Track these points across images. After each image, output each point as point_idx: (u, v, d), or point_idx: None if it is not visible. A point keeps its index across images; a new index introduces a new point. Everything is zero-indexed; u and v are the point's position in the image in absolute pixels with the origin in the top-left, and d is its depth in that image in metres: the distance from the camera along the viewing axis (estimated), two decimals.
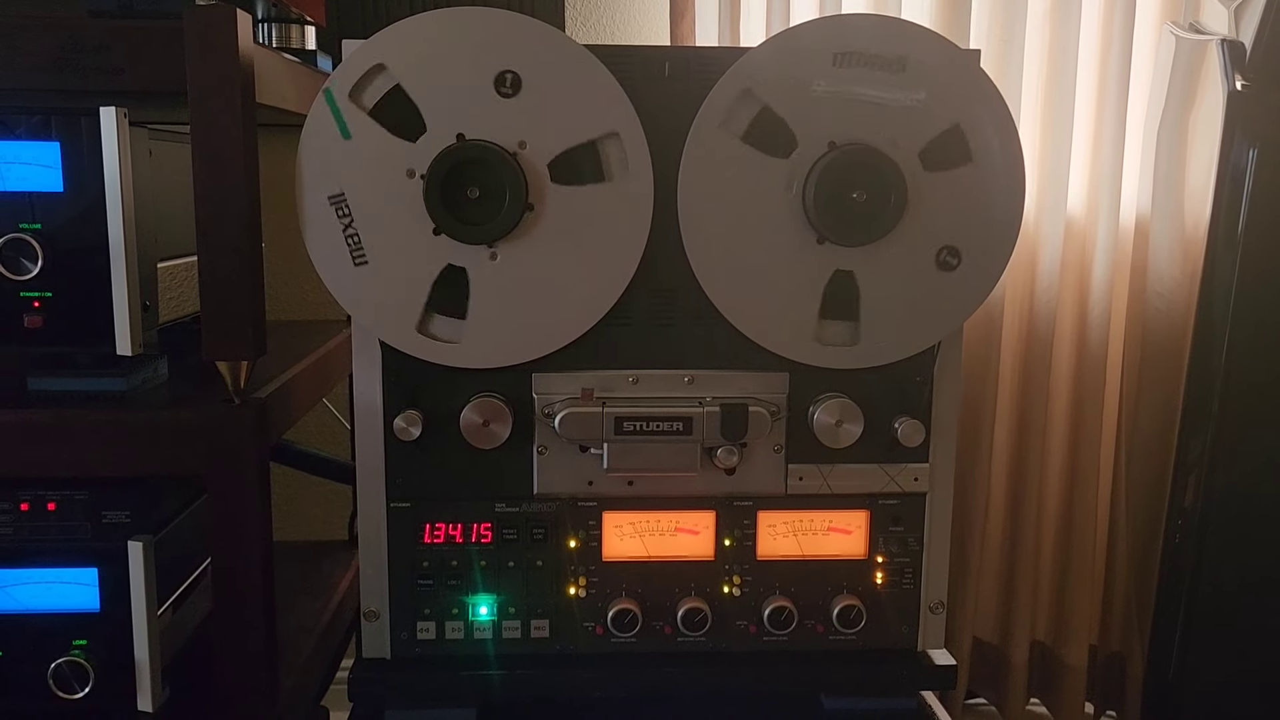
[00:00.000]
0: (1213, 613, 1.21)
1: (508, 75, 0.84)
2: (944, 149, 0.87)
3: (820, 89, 0.85)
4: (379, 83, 0.84)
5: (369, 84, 0.84)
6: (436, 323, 0.88)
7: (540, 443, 0.91)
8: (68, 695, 0.87)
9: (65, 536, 0.88)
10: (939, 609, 0.97)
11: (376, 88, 0.84)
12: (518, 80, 0.84)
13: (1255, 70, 1.16)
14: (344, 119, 0.84)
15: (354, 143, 0.84)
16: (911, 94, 0.86)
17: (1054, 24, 1.52)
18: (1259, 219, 1.12)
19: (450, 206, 0.85)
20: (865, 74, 0.85)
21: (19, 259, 0.84)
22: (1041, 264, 1.56)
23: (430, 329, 0.88)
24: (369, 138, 0.84)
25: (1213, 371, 1.18)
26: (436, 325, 0.88)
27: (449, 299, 0.87)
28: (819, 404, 0.92)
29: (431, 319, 0.88)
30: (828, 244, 0.88)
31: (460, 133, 0.85)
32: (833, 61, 0.85)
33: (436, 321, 0.88)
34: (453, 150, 0.84)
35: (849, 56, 0.85)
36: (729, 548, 0.94)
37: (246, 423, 0.86)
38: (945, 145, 0.87)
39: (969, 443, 1.60)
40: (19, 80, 0.82)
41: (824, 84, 0.85)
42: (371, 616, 0.93)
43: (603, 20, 1.63)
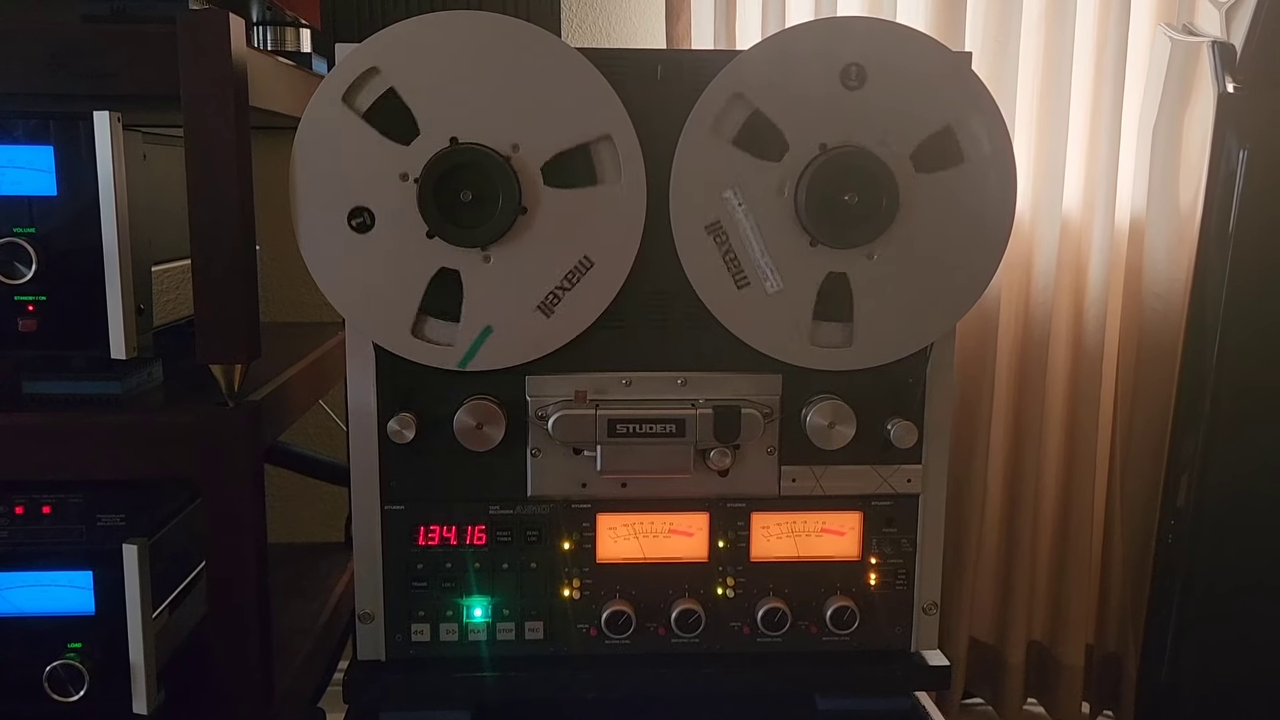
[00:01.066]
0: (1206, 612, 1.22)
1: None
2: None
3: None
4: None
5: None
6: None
7: (534, 445, 0.91)
8: (63, 698, 0.87)
9: (60, 539, 0.89)
10: (932, 610, 0.97)
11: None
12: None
13: (1245, 72, 1.16)
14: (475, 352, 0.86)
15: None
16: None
17: (1049, 26, 1.52)
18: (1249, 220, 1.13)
19: (444, 210, 0.85)
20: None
21: (13, 263, 0.84)
22: (1037, 264, 1.57)
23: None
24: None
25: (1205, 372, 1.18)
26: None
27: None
28: (812, 406, 0.92)
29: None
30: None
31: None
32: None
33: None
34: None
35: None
36: (723, 549, 0.95)
37: (240, 426, 0.87)
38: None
39: (965, 444, 1.60)
40: (13, 84, 0.82)
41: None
42: (366, 618, 0.93)
43: (599, 22, 1.64)
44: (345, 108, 0.84)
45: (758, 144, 0.87)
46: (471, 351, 0.87)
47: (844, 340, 0.91)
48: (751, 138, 0.87)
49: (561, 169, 0.86)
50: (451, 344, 0.88)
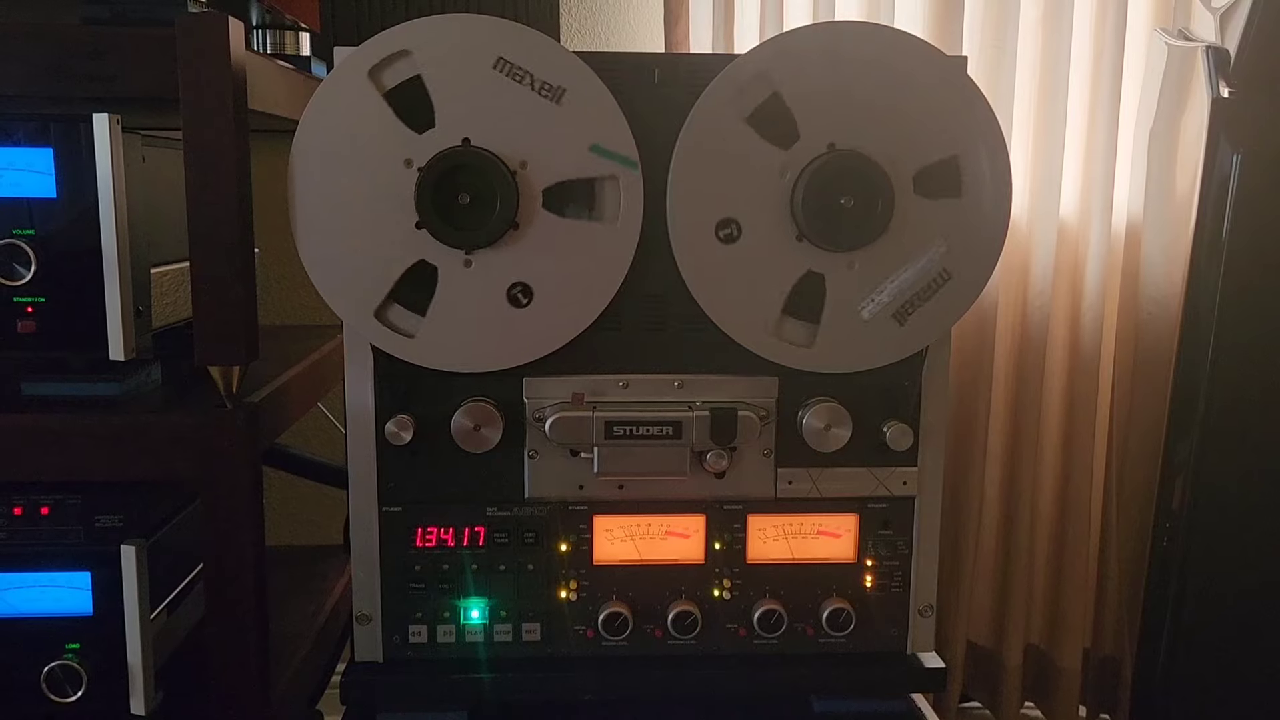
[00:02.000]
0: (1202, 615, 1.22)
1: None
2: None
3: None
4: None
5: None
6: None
7: (531, 447, 0.92)
8: (60, 699, 0.88)
9: (58, 540, 0.89)
10: (928, 612, 0.97)
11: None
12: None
13: (1240, 77, 1.17)
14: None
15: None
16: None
17: (1046, 30, 1.53)
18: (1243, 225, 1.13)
19: (439, 205, 0.85)
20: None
21: (12, 264, 0.85)
22: (1034, 269, 1.57)
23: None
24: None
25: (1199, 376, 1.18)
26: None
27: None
28: (808, 408, 0.92)
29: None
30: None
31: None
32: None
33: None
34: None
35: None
36: (719, 551, 0.95)
37: (239, 428, 0.87)
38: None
39: (963, 447, 1.60)
40: (13, 87, 0.82)
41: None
42: (364, 620, 0.93)
43: (597, 26, 1.64)
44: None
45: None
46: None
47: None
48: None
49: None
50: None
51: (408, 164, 0.85)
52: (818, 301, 0.90)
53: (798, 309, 0.90)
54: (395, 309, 0.88)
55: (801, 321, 0.91)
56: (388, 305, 0.88)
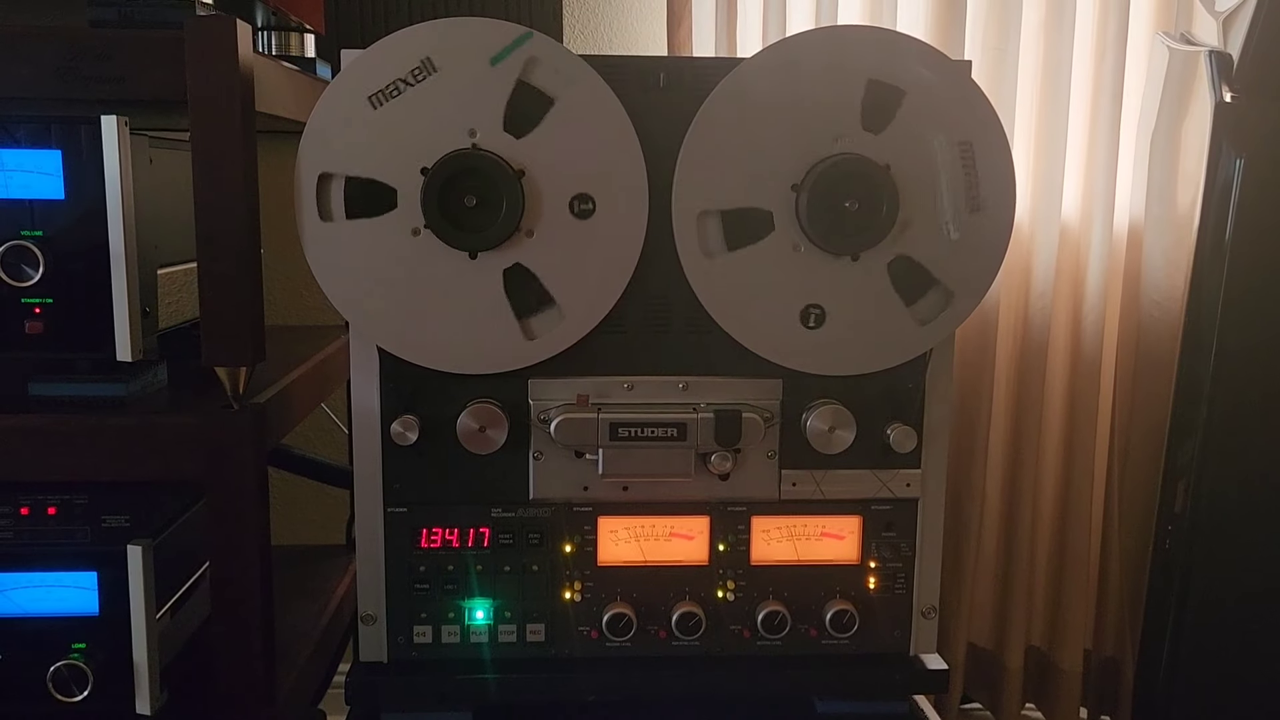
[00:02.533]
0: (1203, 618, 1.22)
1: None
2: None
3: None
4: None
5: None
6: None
7: (536, 448, 0.92)
8: (66, 698, 0.88)
9: (65, 540, 0.89)
10: (931, 614, 0.97)
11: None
12: (543, 108, 0.86)
13: (1242, 81, 1.17)
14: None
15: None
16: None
17: (1048, 33, 1.53)
18: (1246, 229, 1.13)
19: (445, 208, 0.86)
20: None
21: (20, 265, 0.85)
22: (1036, 271, 1.57)
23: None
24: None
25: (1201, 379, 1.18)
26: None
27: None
28: (812, 410, 0.92)
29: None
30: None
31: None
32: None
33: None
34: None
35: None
36: (723, 552, 0.95)
37: (245, 428, 0.87)
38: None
39: (964, 449, 1.60)
40: (21, 88, 0.82)
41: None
42: (368, 620, 0.93)
43: (600, 29, 1.64)
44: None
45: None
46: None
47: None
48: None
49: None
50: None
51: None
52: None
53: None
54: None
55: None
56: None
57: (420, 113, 0.85)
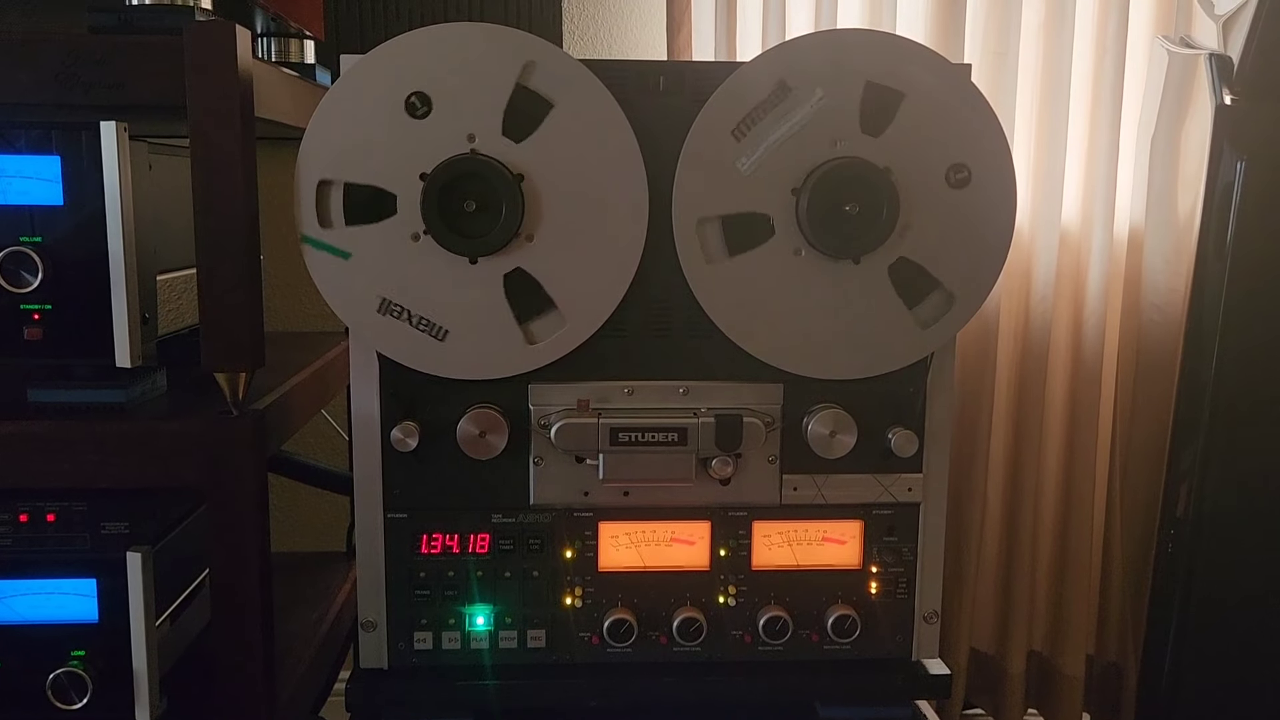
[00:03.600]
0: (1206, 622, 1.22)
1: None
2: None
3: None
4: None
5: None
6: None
7: (536, 454, 0.92)
8: (66, 706, 0.87)
9: (64, 547, 0.89)
10: (933, 618, 0.97)
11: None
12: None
13: (1243, 84, 1.17)
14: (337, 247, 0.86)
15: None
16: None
17: (1048, 37, 1.53)
18: (1247, 231, 1.13)
19: (444, 213, 0.85)
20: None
21: (19, 271, 0.85)
22: (1036, 275, 1.57)
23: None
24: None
25: (1203, 382, 1.18)
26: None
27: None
28: (813, 415, 0.92)
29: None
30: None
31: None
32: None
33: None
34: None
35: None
36: (724, 558, 0.95)
37: (245, 434, 0.87)
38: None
39: (965, 453, 1.60)
40: (20, 95, 0.82)
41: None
42: (369, 627, 0.93)
43: (599, 33, 1.65)
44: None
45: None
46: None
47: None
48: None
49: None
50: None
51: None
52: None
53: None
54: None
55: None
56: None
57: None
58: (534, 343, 0.89)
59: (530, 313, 0.89)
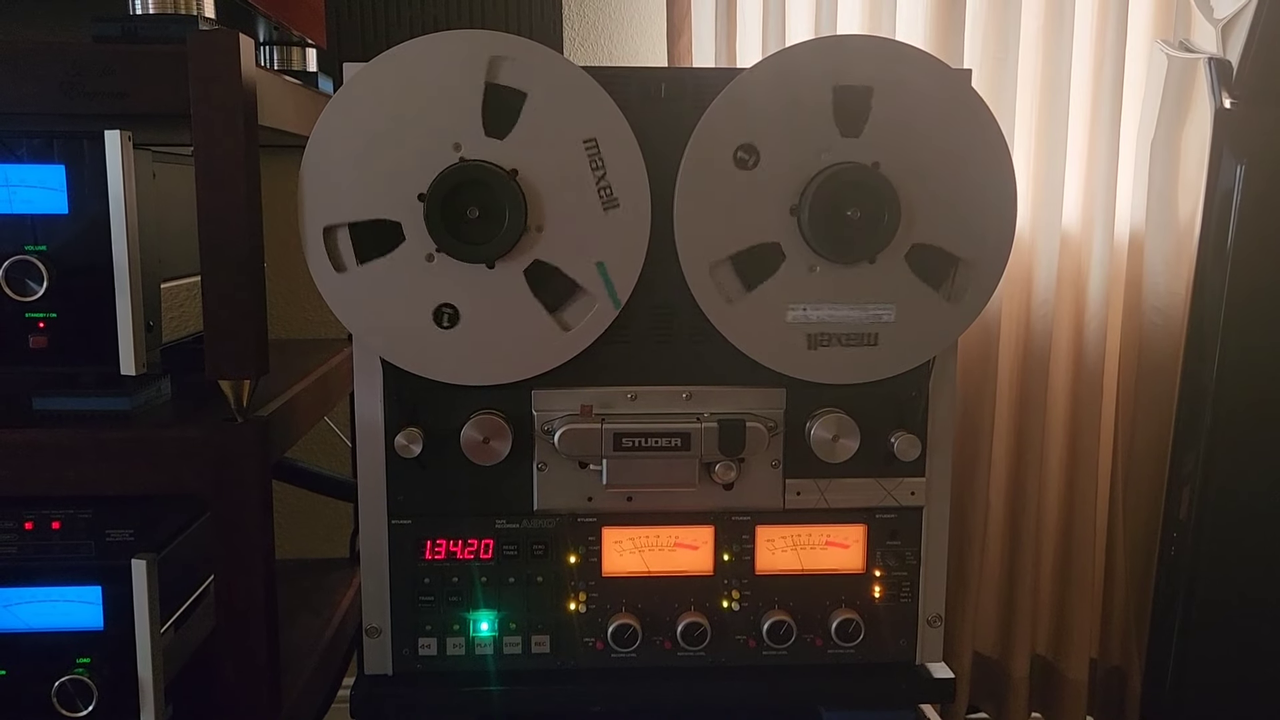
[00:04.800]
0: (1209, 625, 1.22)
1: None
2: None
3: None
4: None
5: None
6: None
7: (540, 459, 0.92)
8: (71, 713, 0.88)
9: (69, 555, 0.89)
10: (937, 622, 0.97)
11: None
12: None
13: (1242, 88, 1.17)
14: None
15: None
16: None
17: (1047, 41, 1.53)
18: (1247, 234, 1.14)
19: (450, 224, 0.86)
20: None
21: (24, 280, 0.85)
22: (1037, 279, 1.57)
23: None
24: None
25: (1204, 385, 1.19)
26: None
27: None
28: (816, 419, 0.92)
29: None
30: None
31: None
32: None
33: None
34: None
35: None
36: (728, 562, 0.95)
37: (249, 441, 0.87)
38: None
39: (967, 457, 1.60)
40: (24, 104, 0.83)
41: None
42: (373, 633, 0.93)
43: (600, 41, 1.65)
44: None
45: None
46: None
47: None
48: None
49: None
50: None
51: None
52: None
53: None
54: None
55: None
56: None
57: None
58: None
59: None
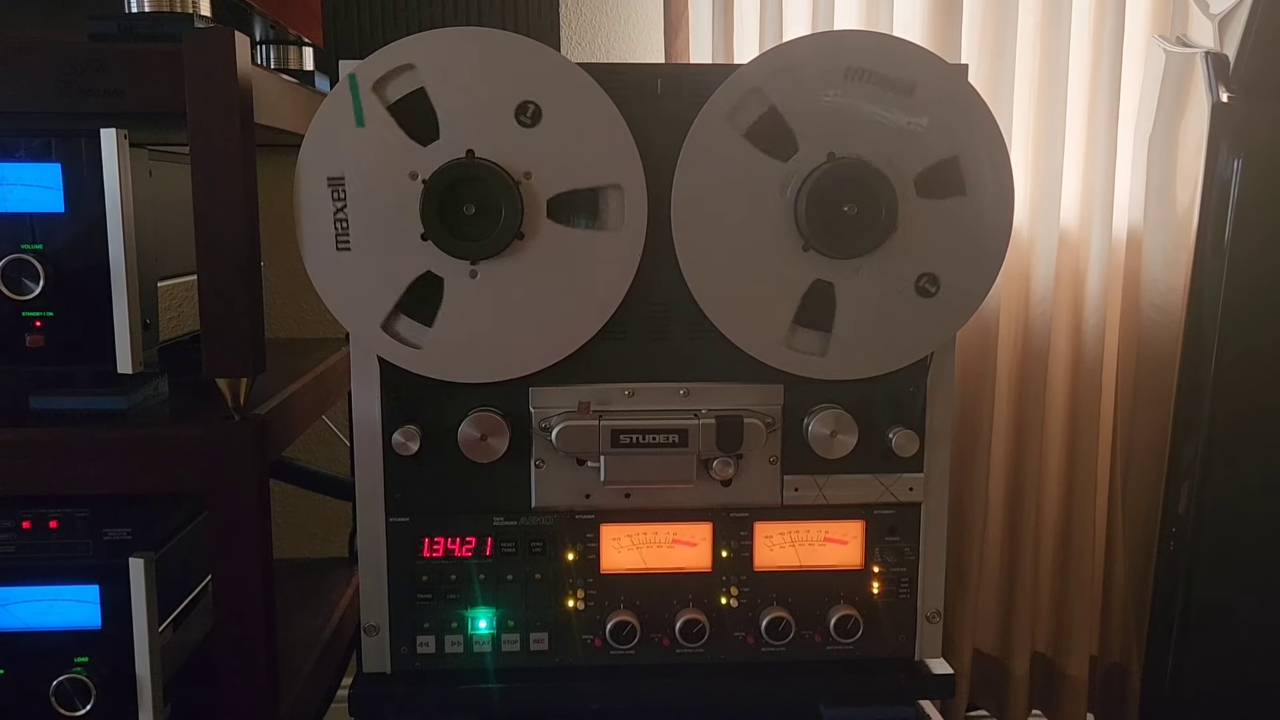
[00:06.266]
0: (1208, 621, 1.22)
1: (530, 106, 0.86)
2: (939, 177, 0.89)
3: (830, 98, 0.87)
4: (404, 81, 0.85)
5: (394, 79, 0.85)
6: (402, 323, 0.89)
7: (538, 456, 0.92)
8: (69, 712, 0.88)
9: (67, 554, 0.89)
10: (936, 618, 0.97)
11: (400, 85, 0.85)
12: (538, 113, 0.86)
13: (1239, 81, 1.17)
14: (362, 105, 0.85)
15: (366, 132, 0.85)
16: (914, 118, 0.87)
17: (1044, 37, 1.53)
18: (1245, 228, 1.13)
19: (444, 217, 0.86)
20: (875, 92, 0.87)
21: (21, 279, 0.85)
22: (1035, 276, 1.57)
23: (395, 328, 0.89)
24: (382, 130, 0.85)
25: (1203, 379, 1.18)
26: (402, 326, 0.89)
27: (421, 305, 0.88)
28: (813, 415, 0.92)
29: (398, 319, 0.88)
30: (811, 252, 0.89)
31: (470, 149, 0.86)
32: (844, 75, 0.87)
33: (403, 322, 0.89)
34: (459, 164, 0.85)
35: (861, 72, 0.86)
36: (726, 559, 0.95)
37: (246, 438, 0.87)
38: (941, 174, 0.89)
39: (966, 455, 1.60)
40: (21, 103, 0.83)
41: (834, 94, 0.87)
42: (371, 631, 0.93)
43: (597, 39, 1.65)
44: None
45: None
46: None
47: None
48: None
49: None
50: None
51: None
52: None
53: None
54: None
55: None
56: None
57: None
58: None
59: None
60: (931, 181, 0.89)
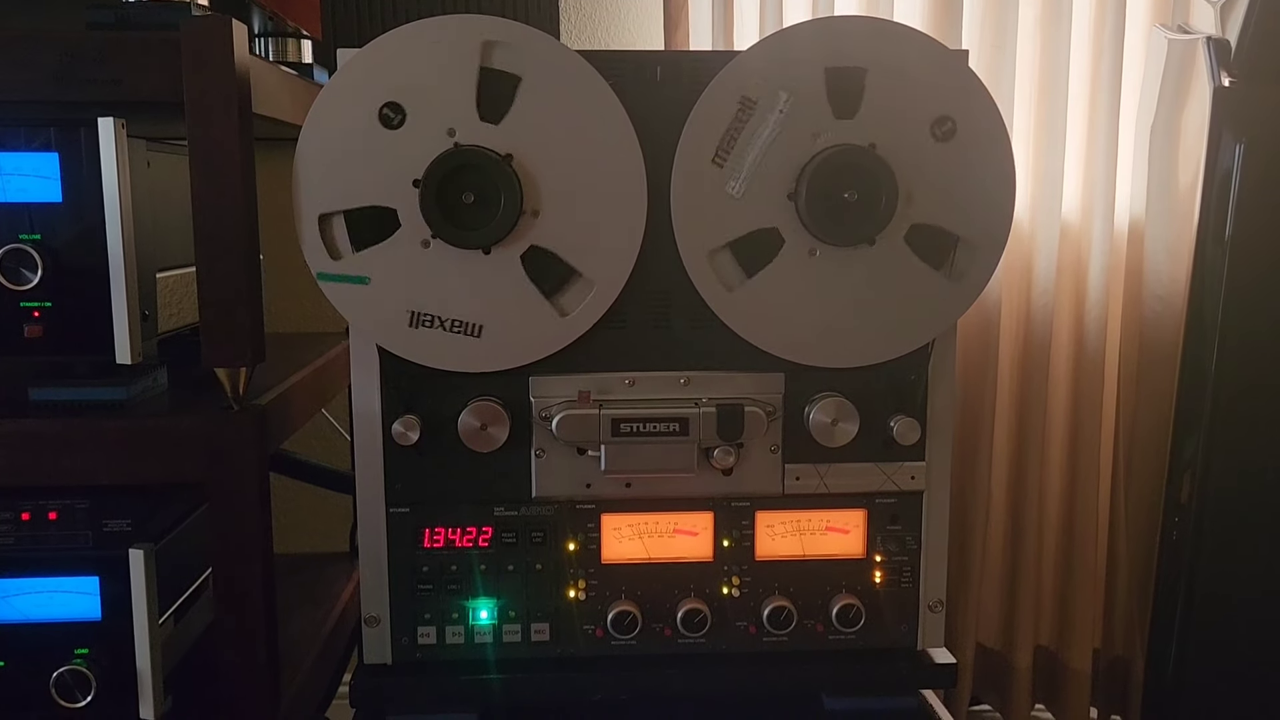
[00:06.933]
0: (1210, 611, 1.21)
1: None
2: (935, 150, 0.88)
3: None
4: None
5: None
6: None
7: (538, 446, 0.92)
8: (70, 704, 0.87)
9: (66, 545, 0.89)
10: (938, 607, 0.97)
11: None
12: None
13: (1241, 66, 1.17)
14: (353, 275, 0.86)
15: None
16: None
17: (1045, 28, 1.53)
18: (1247, 214, 1.13)
19: (445, 210, 0.85)
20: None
21: (19, 269, 0.85)
22: (1037, 268, 1.57)
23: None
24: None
25: (1204, 369, 1.18)
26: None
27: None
28: (814, 403, 0.92)
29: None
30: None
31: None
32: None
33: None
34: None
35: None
36: (727, 548, 0.95)
37: (246, 429, 0.87)
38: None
39: (969, 447, 1.60)
40: (18, 92, 0.83)
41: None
42: (372, 622, 0.93)
43: (597, 29, 1.65)
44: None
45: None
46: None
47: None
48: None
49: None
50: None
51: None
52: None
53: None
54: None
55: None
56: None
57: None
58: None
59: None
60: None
